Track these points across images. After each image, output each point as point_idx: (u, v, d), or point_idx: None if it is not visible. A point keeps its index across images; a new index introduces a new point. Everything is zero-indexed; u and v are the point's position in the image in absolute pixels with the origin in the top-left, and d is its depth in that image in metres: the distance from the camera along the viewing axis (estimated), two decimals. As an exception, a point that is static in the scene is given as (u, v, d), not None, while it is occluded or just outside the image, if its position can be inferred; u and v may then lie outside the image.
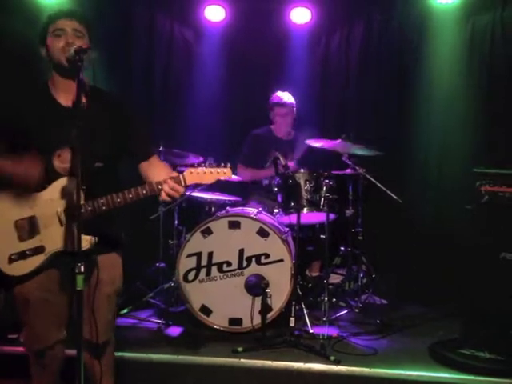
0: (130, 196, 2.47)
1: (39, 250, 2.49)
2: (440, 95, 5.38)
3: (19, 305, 2.58)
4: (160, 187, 2.47)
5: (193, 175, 2.48)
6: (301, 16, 5.61)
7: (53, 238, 2.49)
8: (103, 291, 2.60)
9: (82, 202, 2.43)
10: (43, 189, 2.51)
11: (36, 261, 2.50)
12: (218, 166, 2.51)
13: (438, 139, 5.39)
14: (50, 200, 2.50)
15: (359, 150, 4.67)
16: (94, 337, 2.57)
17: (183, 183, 2.47)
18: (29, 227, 2.50)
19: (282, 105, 5.07)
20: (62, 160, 2.50)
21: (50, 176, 2.50)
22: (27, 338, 2.68)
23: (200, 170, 2.48)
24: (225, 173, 2.51)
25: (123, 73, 5.55)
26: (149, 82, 5.76)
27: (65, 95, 2.54)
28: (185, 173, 2.48)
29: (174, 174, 2.49)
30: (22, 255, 2.49)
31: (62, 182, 2.49)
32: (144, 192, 2.48)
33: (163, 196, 2.49)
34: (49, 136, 2.48)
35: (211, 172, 2.49)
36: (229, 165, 2.52)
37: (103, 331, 2.65)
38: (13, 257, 2.49)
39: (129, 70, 5.64)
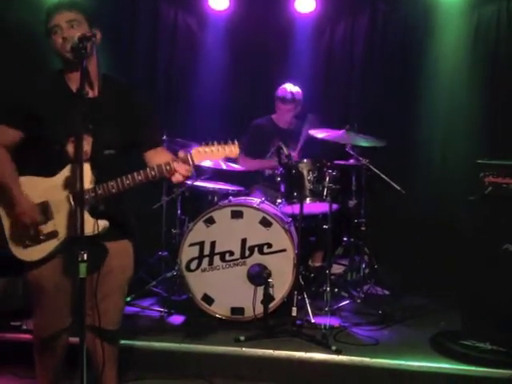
0: (139, 178, 2.47)
1: (53, 234, 2.51)
2: (444, 86, 5.36)
3: (32, 291, 2.60)
4: (168, 168, 2.46)
5: (200, 153, 2.46)
6: (305, 5, 5.57)
7: (65, 224, 2.50)
8: (114, 279, 2.63)
9: (91, 186, 2.44)
10: (55, 174, 2.53)
11: (50, 246, 2.51)
12: (226, 143, 2.49)
13: (442, 130, 5.38)
14: (62, 185, 2.51)
15: (363, 141, 4.65)
16: (104, 324, 2.59)
17: (191, 162, 2.46)
18: (42, 212, 2.51)
19: (285, 102, 5.03)
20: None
21: (63, 162, 2.52)
22: (36, 325, 2.70)
23: (207, 148, 2.47)
24: (232, 150, 2.49)
25: (126, 61, 5.53)
26: (152, 70, 5.74)
27: (77, 84, 2.54)
28: (192, 151, 2.46)
29: (181, 153, 2.49)
30: (36, 240, 2.51)
31: (73, 167, 2.49)
32: (153, 173, 2.47)
33: (175, 177, 2.48)
34: (63, 123, 2.49)
35: (218, 149, 2.47)
36: (236, 142, 2.49)
37: (114, 319, 2.68)
38: (27, 242, 2.51)
39: (132, 59, 5.63)
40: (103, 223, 2.48)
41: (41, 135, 2.54)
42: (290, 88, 5.04)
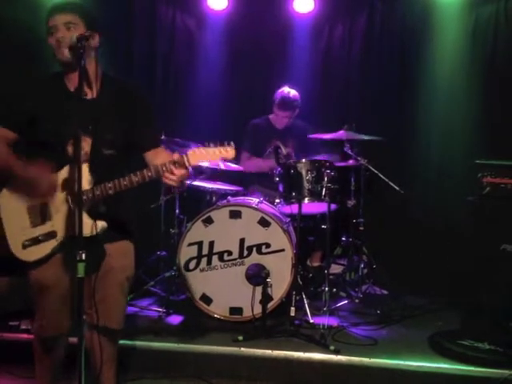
0: (136, 179, 2.48)
1: (51, 235, 2.52)
2: (442, 86, 5.35)
3: (35, 290, 2.60)
4: (164, 169, 2.46)
5: (196, 155, 2.46)
6: (304, 5, 5.56)
7: (64, 224, 2.51)
8: (114, 278, 2.63)
9: (90, 187, 2.45)
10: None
11: (48, 246, 2.53)
12: (222, 144, 2.49)
13: (440, 130, 5.37)
14: (60, 186, 2.51)
15: (361, 137, 4.66)
16: (106, 322, 2.60)
17: (187, 163, 2.46)
18: (41, 213, 2.53)
19: (283, 108, 5.03)
20: None
21: (64, 162, 2.52)
22: (38, 325, 2.69)
23: (203, 149, 2.47)
24: (228, 151, 2.49)
25: (124, 61, 5.52)
26: (150, 70, 5.72)
27: (75, 85, 2.54)
28: (188, 153, 2.46)
29: (176, 155, 2.48)
30: (35, 241, 2.52)
31: (71, 168, 2.50)
32: (149, 174, 2.48)
33: (168, 180, 2.47)
34: (63, 124, 2.49)
35: (214, 151, 2.47)
36: (232, 143, 2.50)
37: (117, 318, 2.68)
38: (26, 242, 2.52)
39: (130, 59, 5.60)
40: (101, 224, 2.49)
41: (42, 137, 2.54)
42: (288, 93, 5.02)
